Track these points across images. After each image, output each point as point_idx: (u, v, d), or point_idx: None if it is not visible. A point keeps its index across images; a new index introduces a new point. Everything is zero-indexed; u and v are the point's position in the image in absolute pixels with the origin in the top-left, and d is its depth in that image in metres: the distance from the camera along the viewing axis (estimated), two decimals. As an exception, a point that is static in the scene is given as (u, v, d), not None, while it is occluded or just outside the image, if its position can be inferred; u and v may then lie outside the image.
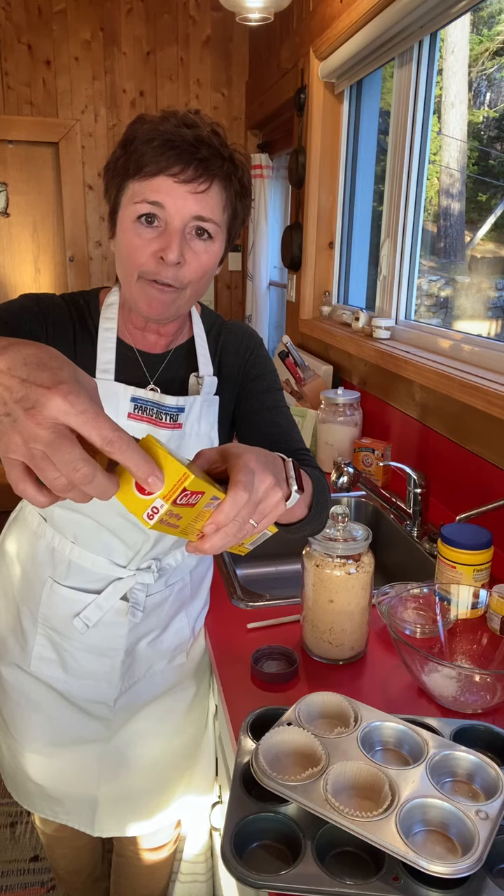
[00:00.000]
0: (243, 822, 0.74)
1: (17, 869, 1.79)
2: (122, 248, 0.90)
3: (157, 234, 0.87)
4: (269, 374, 1.10)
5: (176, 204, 0.85)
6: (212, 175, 0.86)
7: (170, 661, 1.15)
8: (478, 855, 0.66)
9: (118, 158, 0.89)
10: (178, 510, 0.57)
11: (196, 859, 1.32)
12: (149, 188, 0.85)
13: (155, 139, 0.84)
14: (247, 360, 1.08)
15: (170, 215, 0.86)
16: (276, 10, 2.25)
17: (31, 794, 1.19)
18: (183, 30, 3.45)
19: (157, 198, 0.85)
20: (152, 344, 1.01)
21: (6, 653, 1.15)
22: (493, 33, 2.54)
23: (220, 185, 0.88)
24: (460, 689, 0.97)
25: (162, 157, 0.84)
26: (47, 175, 3.54)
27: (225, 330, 1.09)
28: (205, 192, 0.86)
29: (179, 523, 0.60)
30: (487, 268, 2.84)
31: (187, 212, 0.86)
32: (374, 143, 2.36)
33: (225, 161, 0.88)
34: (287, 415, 1.09)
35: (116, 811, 1.17)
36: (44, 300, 0.98)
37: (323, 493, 0.94)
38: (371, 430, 1.97)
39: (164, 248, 0.86)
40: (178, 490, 0.56)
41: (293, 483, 0.77)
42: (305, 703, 0.87)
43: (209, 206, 0.87)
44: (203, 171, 0.85)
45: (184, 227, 0.87)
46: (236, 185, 0.91)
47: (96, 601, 1.05)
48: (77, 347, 0.98)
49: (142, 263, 0.88)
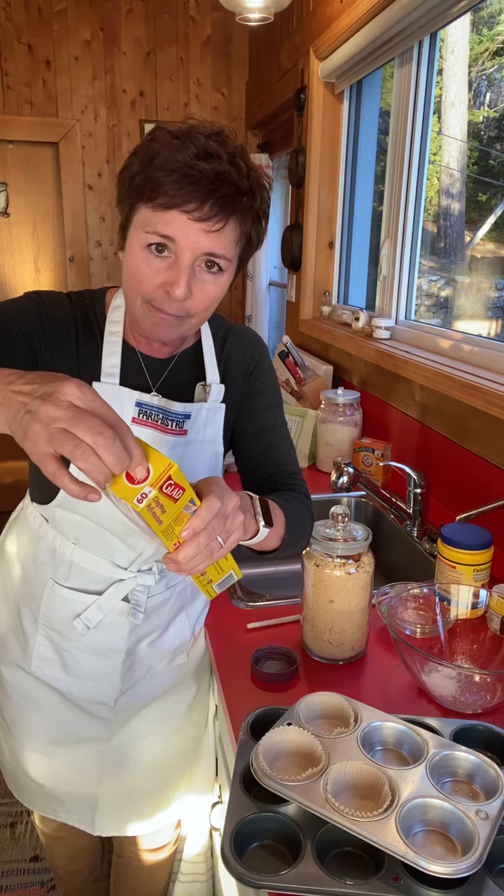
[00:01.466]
0: (243, 822, 0.74)
1: (17, 869, 1.79)
2: (129, 271, 0.88)
3: (165, 266, 0.85)
4: (270, 389, 1.10)
5: (188, 240, 0.83)
6: (228, 214, 0.84)
7: (170, 662, 1.15)
8: (478, 855, 0.66)
9: (134, 175, 0.85)
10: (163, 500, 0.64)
11: (196, 859, 1.32)
12: (161, 221, 0.83)
13: (174, 171, 0.81)
14: (251, 373, 1.08)
15: (181, 249, 0.84)
16: (276, 10, 2.25)
17: (31, 793, 1.19)
18: (183, 30, 3.45)
19: (169, 232, 0.83)
20: (157, 349, 1.01)
21: (6, 653, 1.15)
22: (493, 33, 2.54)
23: (236, 221, 0.86)
24: (460, 689, 0.97)
25: (178, 192, 0.81)
26: (47, 175, 3.54)
27: (231, 335, 1.08)
28: (219, 231, 0.84)
29: (163, 518, 0.65)
30: (487, 268, 2.84)
31: (199, 249, 0.84)
32: (374, 143, 2.36)
33: (244, 195, 0.85)
34: (284, 435, 1.10)
35: (116, 810, 1.17)
36: (47, 301, 0.97)
37: (299, 525, 1.00)
38: (371, 430, 1.97)
39: (172, 283, 0.84)
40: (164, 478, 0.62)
41: (260, 518, 0.86)
42: (305, 703, 0.87)
43: (222, 244, 0.85)
44: (219, 210, 0.82)
45: (193, 263, 0.85)
46: (253, 216, 0.88)
47: (97, 602, 1.05)
48: (80, 350, 0.97)
49: (148, 292, 0.86)
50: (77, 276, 3.63)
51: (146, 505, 0.61)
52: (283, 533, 0.95)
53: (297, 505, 1.03)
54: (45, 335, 0.94)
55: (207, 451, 1.03)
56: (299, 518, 1.00)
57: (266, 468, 1.09)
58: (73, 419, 0.56)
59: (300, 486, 1.09)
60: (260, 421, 1.08)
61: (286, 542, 0.97)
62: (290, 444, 1.12)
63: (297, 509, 1.01)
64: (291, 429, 2.04)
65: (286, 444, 1.11)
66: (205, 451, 1.03)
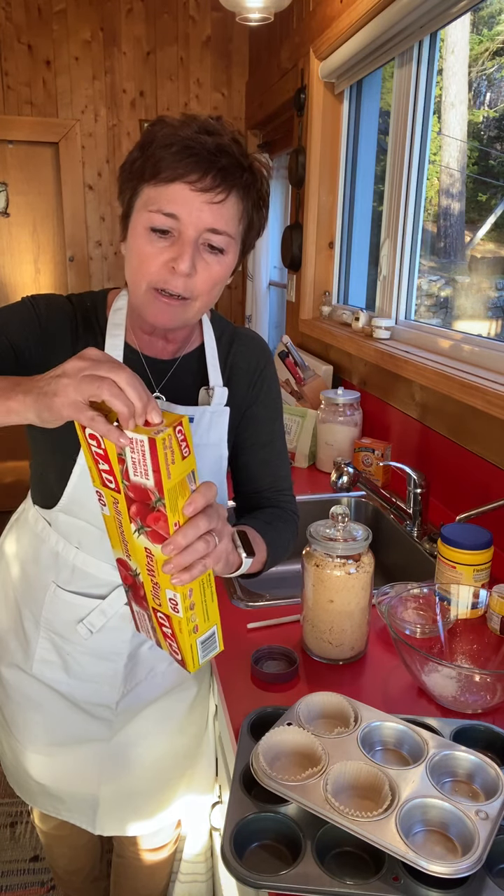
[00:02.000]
0: (243, 822, 0.74)
1: (17, 869, 1.79)
2: (132, 255, 0.88)
3: (169, 244, 0.85)
4: (272, 400, 1.10)
5: (191, 215, 0.83)
6: (230, 185, 0.84)
7: (171, 663, 1.15)
8: (478, 855, 0.66)
9: (135, 160, 0.87)
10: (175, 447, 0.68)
11: (196, 859, 1.32)
12: (164, 196, 0.83)
13: (174, 144, 0.82)
14: (255, 381, 1.08)
15: (184, 225, 0.84)
16: (276, 10, 2.25)
17: (32, 792, 1.19)
18: (183, 30, 3.45)
19: (173, 209, 0.83)
20: (160, 350, 1.00)
21: (7, 654, 1.15)
22: (493, 33, 2.54)
23: (237, 196, 0.86)
24: (460, 689, 0.97)
25: (180, 164, 0.82)
26: (47, 175, 3.54)
27: (237, 340, 1.07)
28: (221, 202, 0.84)
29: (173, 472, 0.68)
30: (487, 268, 2.84)
31: (202, 223, 0.84)
32: (374, 143, 2.36)
33: (245, 171, 0.86)
34: (280, 451, 1.12)
35: (117, 810, 1.17)
36: (42, 306, 0.96)
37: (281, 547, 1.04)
38: (371, 430, 1.97)
39: (176, 259, 0.84)
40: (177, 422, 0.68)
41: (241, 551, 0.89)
42: (305, 703, 0.87)
43: (224, 218, 0.85)
44: (221, 181, 0.83)
45: (197, 238, 0.85)
46: (254, 195, 0.89)
47: (100, 607, 1.05)
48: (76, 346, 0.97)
49: (152, 273, 0.86)
50: (77, 276, 3.63)
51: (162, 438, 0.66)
52: (264, 559, 0.99)
53: (282, 526, 1.06)
54: (38, 341, 0.94)
55: (211, 454, 1.03)
56: (282, 541, 1.04)
57: (258, 482, 1.10)
58: (95, 364, 0.66)
59: (288, 504, 1.12)
60: (258, 434, 1.08)
61: (267, 566, 1.01)
62: (284, 460, 1.13)
63: (280, 532, 1.04)
64: (291, 429, 2.04)
65: (281, 459, 1.12)
66: (209, 454, 1.03)
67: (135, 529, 0.75)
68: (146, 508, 0.71)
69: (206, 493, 0.74)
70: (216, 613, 0.82)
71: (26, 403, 0.70)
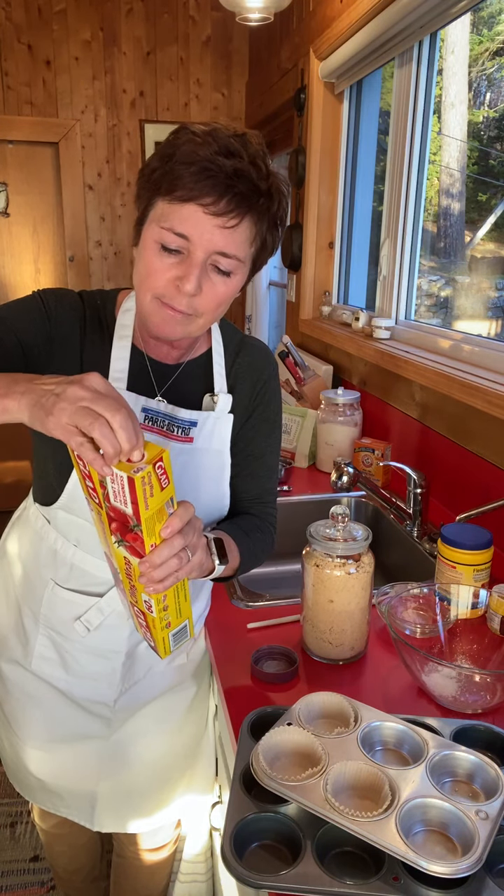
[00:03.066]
0: (243, 822, 0.74)
1: (17, 869, 1.79)
2: (141, 265, 0.89)
3: (177, 262, 0.86)
4: (273, 413, 1.10)
5: (202, 237, 0.83)
6: (244, 210, 0.84)
7: (170, 662, 1.15)
8: (478, 855, 0.66)
9: (154, 170, 0.86)
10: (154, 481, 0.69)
11: (196, 859, 1.32)
12: (177, 216, 0.83)
13: (193, 164, 0.81)
14: (259, 392, 1.08)
15: (194, 246, 0.84)
16: (276, 10, 2.25)
17: (32, 788, 1.20)
18: (183, 30, 3.45)
19: (184, 230, 0.83)
20: (165, 354, 1.01)
21: (7, 650, 1.15)
22: (493, 33, 2.54)
23: (251, 220, 0.86)
24: (460, 689, 0.97)
25: (196, 185, 0.81)
26: (47, 175, 3.54)
27: (244, 349, 1.08)
28: (234, 227, 0.84)
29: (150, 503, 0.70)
30: (487, 268, 2.84)
31: (212, 246, 0.84)
32: (374, 143, 2.36)
33: (262, 196, 0.85)
34: (271, 465, 1.13)
35: (115, 807, 1.17)
36: (52, 301, 0.96)
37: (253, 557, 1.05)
38: (371, 430, 1.97)
39: (182, 278, 0.85)
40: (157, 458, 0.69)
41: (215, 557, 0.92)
42: (305, 703, 0.87)
43: (235, 242, 0.85)
44: (236, 206, 0.83)
45: (206, 259, 0.85)
46: (270, 219, 0.89)
47: (98, 605, 1.05)
48: (84, 350, 0.97)
49: (158, 287, 0.87)
50: (77, 276, 3.63)
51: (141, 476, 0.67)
52: (236, 566, 1.00)
53: (259, 537, 1.07)
54: (46, 337, 0.94)
55: (213, 460, 1.03)
56: (256, 551, 1.06)
57: (245, 492, 1.11)
58: (95, 398, 0.66)
59: (269, 517, 1.13)
60: (254, 447, 1.09)
61: (238, 573, 1.03)
62: (274, 473, 1.15)
63: (256, 542, 1.06)
64: (291, 429, 2.04)
65: (270, 473, 1.13)
66: (210, 460, 1.03)
67: (115, 541, 0.77)
68: (125, 528, 0.74)
69: (182, 516, 0.75)
70: (188, 609, 0.85)
71: (21, 406, 0.71)
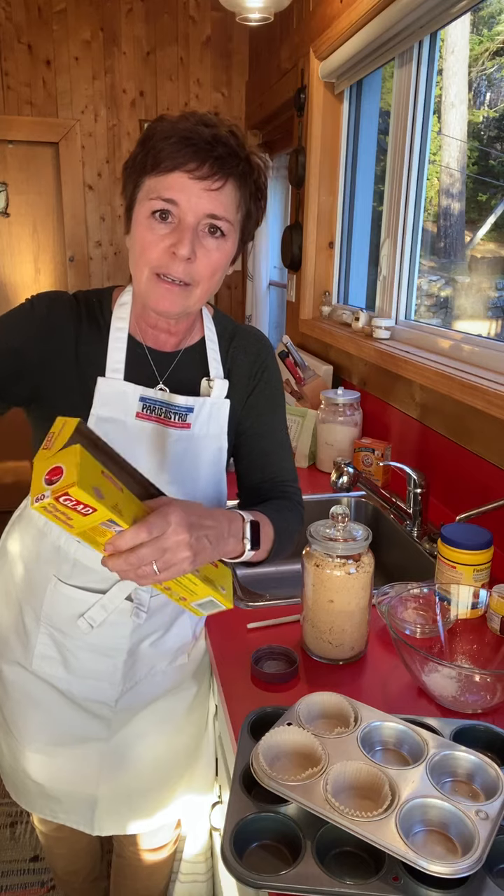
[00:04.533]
0: (243, 822, 0.74)
1: (17, 869, 1.79)
2: (135, 244, 0.92)
3: (170, 230, 0.88)
4: (274, 391, 1.11)
5: (190, 201, 0.87)
6: (227, 173, 0.87)
7: (171, 662, 1.15)
8: (478, 855, 0.66)
9: (136, 155, 0.91)
10: (63, 509, 0.67)
11: (196, 859, 1.32)
12: (164, 185, 0.87)
13: (173, 136, 0.86)
14: (257, 373, 1.09)
15: (183, 212, 0.87)
16: (276, 10, 2.25)
17: (30, 794, 1.19)
18: (183, 30, 3.45)
19: (172, 195, 0.87)
20: (163, 342, 1.03)
21: (8, 651, 1.15)
22: (493, 33, 2.54)
23: (234, 185, 0.89)
24: (460, 689, 0.97)
25: (178, 154, 0.85)
26: (47, 175, 3.54)
27: (238, 335, 1.09)
28: (219, 189, 0.87)
29: (73, 525, 0.69)
30: (487, 268, 2.84)
31: (201, 209, 0.87)
32: (374, 143, 2.36)
33: (241, 161, 0.89)
34: (282, 441, 1.12)
35: (115, 809, 1.17)
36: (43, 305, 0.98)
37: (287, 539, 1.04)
38: (371, 430, 1.97)
39: (176, 244, 0.87)
40: (62, 491, 0.65)
41: (247, 542, 0.90)
42: (305, 703, 0.87)
43: (223, 204, 0.88)
44: (218, 169, 0.86)
45: (197, 224, 0.88)
46: (251, 186, 0.92)
47: (101, 601, 1.05)
48: (80, 348, 0.99)
49: (154, 258, 0.89)
50: (77, 276, 3.62)
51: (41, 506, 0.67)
52: (269, 548, 0.99)
53: (289, 517, 1.06)
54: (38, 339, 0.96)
55: (211, 446, 1.04)
56: (289, 532, 1.05)
57: (261, 473, 1.11)
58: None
59: (294, 494, 1.12)
60: (260, 424, 1.09)
61: (270, 557, 1.02)
62: (287, 450, 1.14)
63: (288, 523, 1.05)
64: (291, 429, 2.04)
65: (284, 449, 1.13)
66: (208, 445, 1.04)
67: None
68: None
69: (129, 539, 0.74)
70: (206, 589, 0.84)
71: None
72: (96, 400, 0.97)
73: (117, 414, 0.97)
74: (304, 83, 2.47)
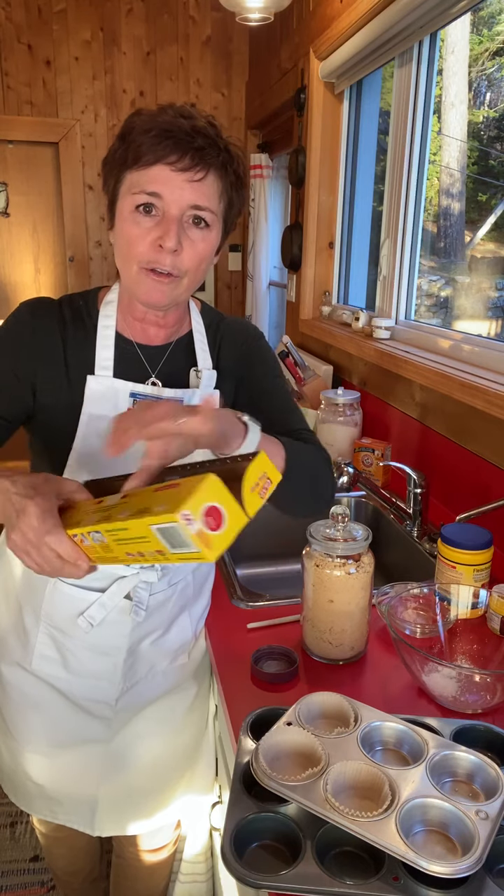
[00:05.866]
0: (243, 822, 0.74)
1: (17, 869, 1.79)
2: (120, 239, 0.92)
3: (154, 223, 0.89)
4: (269, 361, 1.12)
5: (173, 193, 0.87)
6: (208, 164, 0.88)
7: (172, 662, 1.15)
8: (478, 855, 0.66)
9: (116, 150, 0.91)
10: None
11: (196, 859, 1.32)
12: (146, 178, 0.87)
13: (152, 129, 0.86)
14: (245, 352, 1.10)
15: (167, 204, 0.88)
16: (276, 10, 2.25)
17: (30, 795, 1.19)
18: (183, 30, 3.45)
19: (155, 188, 0.87)
20: (152, 336, 1.03)
21: (7, 652, 1.15)
22: (493, 33, 2.54)
23: (215, 175, 0.90)
24: (460, 689, 0.97)
25: (159, 147, 0.86)
26: (47, 175, 3.54)
27: (224, 325, 1.10)
28: (201, 180, 0.88)
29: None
30: (487, 268, 2.84)
31: (184, 201, 0.88)
32: (374, 143, 2.36)
33: (221, 151, 0.90)
34: (285, 398, 1.11)
35: (116, 810, 1.17)
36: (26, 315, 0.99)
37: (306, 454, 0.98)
38: (371, 430, 1.97)
39: (162, 236, 0.88)
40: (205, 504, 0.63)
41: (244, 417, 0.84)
42: (305, 703, 0.87)
43: (205, 195, 0.89)
44: (199, 160, 0.87)
45: (181, 216, 0.89)
46: (231, 175, 0.93)
47: (100, 600, 1.05)
48: (68, 350, 0.99)
49: (140, 252, 0.90)
50: (77, 276, 3.62)
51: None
52: (285, 454, 0.91)
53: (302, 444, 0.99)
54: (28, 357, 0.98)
55: None
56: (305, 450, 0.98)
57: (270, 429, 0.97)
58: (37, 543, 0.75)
59: (310, 438, 1.06)
60: (259, 386, 1.09)
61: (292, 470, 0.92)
62: (293, 406, 1.10)
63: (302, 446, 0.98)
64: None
65: (288, 405, 1.09)
66: None
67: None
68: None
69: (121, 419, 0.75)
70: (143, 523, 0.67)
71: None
72: (87, 398, 0.98)
73: (109, 410, 0.98)
74: (304, 83, 2.47)
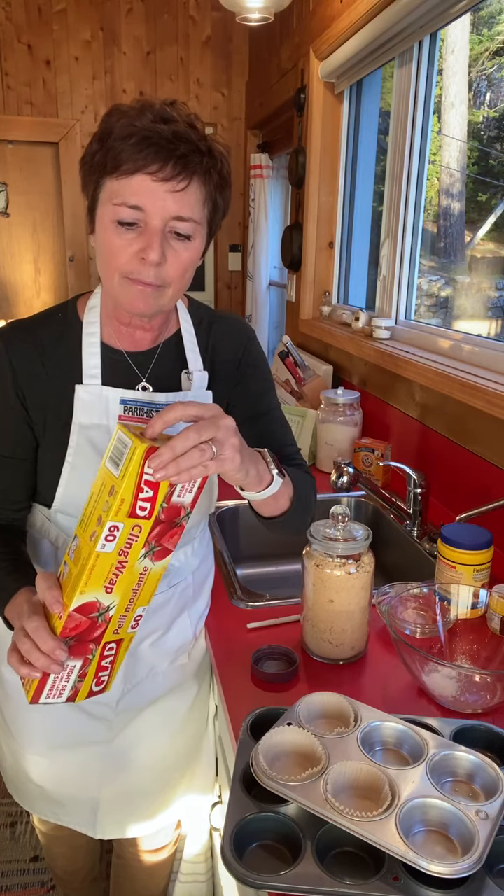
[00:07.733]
0: (243, 822, 0.74)
1: (17, 869, 1.79)
2: (102, 248, 0.89)
3: (137, 235, 0.86)
4: (261, 373, 1.10)
5: (155, 204, 0.84)
6: (191, 171, 0.85)
7: (172, 662, 1.15)
8: (478, 855, 0.66)
9: (95, 153, 0.87)
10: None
11: (196, 859, 1.32)
12: (128, 189, 0.84)
13: (132, 136, 0.83)
14: (241, 358, 1.07)
15: (149, 216, 0.85)
16: (276, 10, 2.25)
17: (32, 796, 1.19)
18: (183, 30, 3.45)
19: (137, 201, 0.84)
20: (139, 341, 1.00)
21: (7, 653, 1.14)
22: (493, 33, 2.54)
23: (199, 181, 0.87)
24: (460, 689, 0.97)
25: (139, 155, 0.82)
26: (47, 175, 3.54)
27: (216, 322, 1.08)
28: (184, 189, 0.85)
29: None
30: (487, 268, 2.84)
31: (167, 212, 0.85)
32: (374, 143, 2.36)
33: (204, 156, 0.87)
34: (278, 418, 1.11)
35: (117, 812, 1.17)
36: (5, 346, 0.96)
37: (306, 489, 1.01)
38: (371, 430, 1.97)
39: (145, 249, 0.85)
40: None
41: (273, 467, 0.88)
42: (305, 703, 0.87)
43: (189, 205, 0.86)
44: (182, 168, 0.84)
45: (164, 227, 0.86)
46: (216, 177, 0.90)
47: None
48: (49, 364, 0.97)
49: (123, 264, 0.87)
50: (77, 277, 3.63)
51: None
52: (292, 494, 0.97)
53: (301, 474, 1.04)
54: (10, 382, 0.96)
55: None
56: (304, 483, 1.02)
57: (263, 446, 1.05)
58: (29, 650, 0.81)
59: (300, 463, 1.11)
60: (253, 407, 1.08)
61: (294, 505, 0.98)
62: (286, 427, 1.12)
63: (301, 477, 1.03)
64: (291, 429, 2.04)
65: (282, 426, 1.11)
66: None
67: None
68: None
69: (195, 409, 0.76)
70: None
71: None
72: (77, 408, 0.95)
73: (99, 419, 0.96)
74: (304, 83, 2.47)
